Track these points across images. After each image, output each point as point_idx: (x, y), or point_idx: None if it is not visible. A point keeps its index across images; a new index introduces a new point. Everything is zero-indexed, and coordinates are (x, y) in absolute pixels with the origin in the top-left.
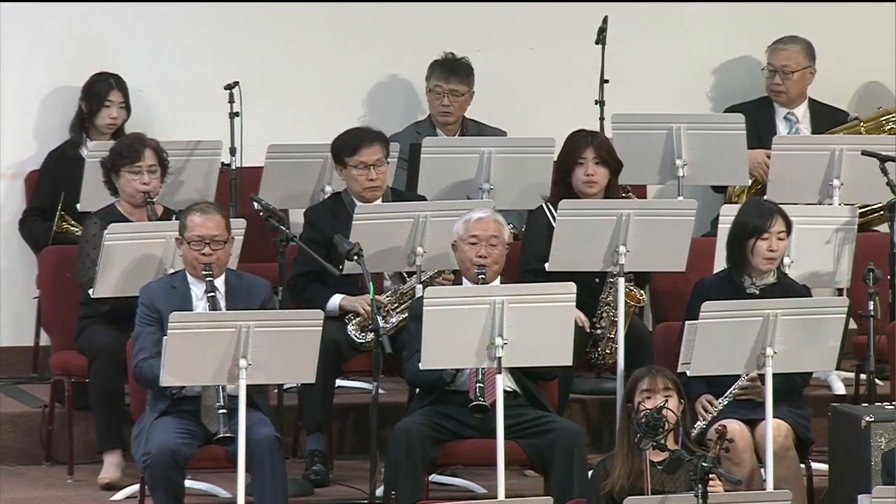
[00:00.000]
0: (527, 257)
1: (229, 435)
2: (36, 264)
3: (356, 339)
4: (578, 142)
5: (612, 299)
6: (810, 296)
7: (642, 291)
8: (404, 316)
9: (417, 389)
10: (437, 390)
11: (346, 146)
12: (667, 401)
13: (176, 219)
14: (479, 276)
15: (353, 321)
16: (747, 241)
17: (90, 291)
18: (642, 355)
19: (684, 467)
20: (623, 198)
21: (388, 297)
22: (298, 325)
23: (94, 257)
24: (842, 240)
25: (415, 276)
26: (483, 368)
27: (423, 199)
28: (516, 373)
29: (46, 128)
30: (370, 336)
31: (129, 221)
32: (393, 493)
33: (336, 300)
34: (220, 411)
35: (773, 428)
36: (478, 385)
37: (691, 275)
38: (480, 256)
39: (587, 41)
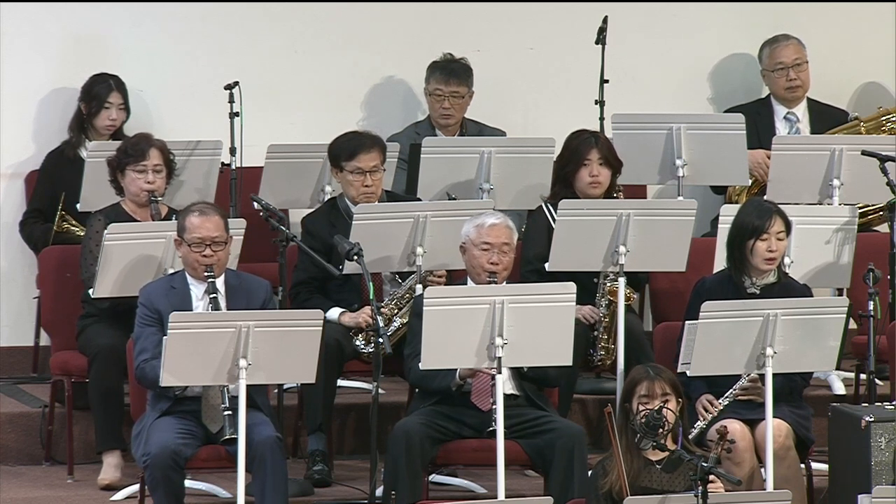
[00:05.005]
0: (527, 257)
1: (236, 437)
2: (36, 264)
3: (363, 351)
4: (582, 143)
5: (605, 301)
6: (811, 296)
7: (631, 289)
8: (405, 321)
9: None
10: (439, 394)
11: (344, 151)
12: (665, 403)
13: (174, 219)
14: (491, 283)
15: (359, 335)
16: (747, 242)
17: (90, 291)
18: (640, 354)
19: (684, 467)
20: (614, 197)
21: (387, 303)
22: (298, 325)
23: (96, 254)
24: (842, 240)
25: (410, 277)
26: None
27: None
28: (517, 379)
29: (46, 128)
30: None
31: (134, 220)
32: (393, 493)
33: (335, 314)
34: (226, 412)
35: (774, 428)
36: (493, 406)
37: (691, 275)
38: (492, 263)
39: (587, 41)
